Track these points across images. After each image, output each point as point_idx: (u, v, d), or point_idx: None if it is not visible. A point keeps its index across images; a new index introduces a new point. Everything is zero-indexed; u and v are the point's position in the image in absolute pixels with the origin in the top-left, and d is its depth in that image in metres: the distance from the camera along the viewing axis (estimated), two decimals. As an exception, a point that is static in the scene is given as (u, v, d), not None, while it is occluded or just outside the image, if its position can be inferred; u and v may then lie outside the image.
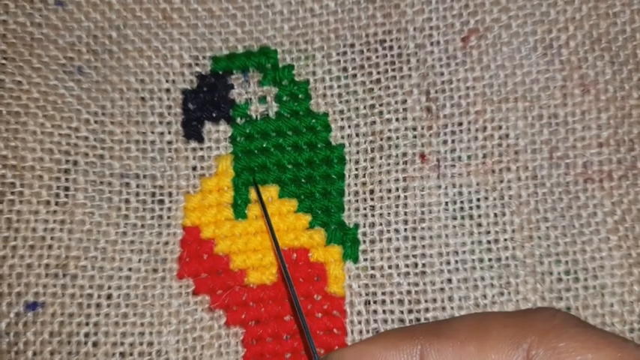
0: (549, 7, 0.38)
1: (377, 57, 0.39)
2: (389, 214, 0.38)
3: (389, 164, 0.38)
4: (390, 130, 0.38)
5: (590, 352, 0.24)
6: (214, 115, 0.39)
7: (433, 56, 0.39)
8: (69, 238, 0.37)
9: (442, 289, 0.37)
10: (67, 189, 0.37)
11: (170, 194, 0.38)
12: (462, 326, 0.27)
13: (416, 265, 0.37)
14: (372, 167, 0.38)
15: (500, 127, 0.38)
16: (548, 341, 0.25)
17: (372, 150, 0.38)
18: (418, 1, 0.39)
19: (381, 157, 0.38)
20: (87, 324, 0.36)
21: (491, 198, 0.37)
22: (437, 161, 0.38)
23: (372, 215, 0.38)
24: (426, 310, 0.36)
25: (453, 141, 0.38)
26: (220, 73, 0.39)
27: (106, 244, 0.37)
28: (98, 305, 0.36)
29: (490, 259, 0.37)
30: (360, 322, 0.37)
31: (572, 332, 0.25)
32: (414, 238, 0.37)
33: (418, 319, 0.36)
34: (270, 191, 0.38)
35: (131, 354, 0.36)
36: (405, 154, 0.38)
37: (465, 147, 0.38)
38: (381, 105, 0.39)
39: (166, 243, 0.38)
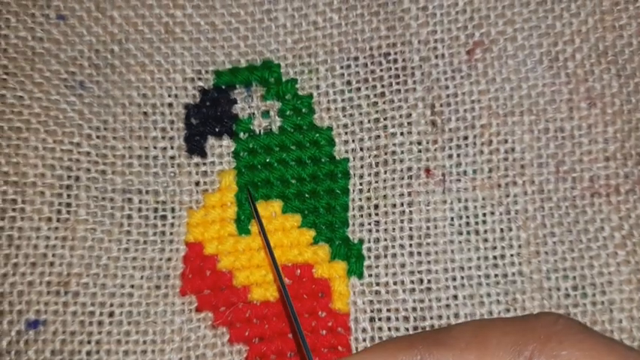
0: (555, 20, 0.38)
1: (381, 70, 0.39)
2: (394, 229, 0.37)
3: (394, 179, 0.38)
4: (394, 145, 0.38)
5: None
6: (217, 129, 0.39)
7: (438, 69, 0.38)
8: (71, 254, 0.36)
9: (448, 306, 0.36)
10: (68, 205, 0.37)
11: (173, 210, 0.38)
12: (461, 334, 0.26)
13: (421, 281, 0.37)
14: (376, 182, 0.38)
15: (506, 141, 0.37)
16: (550, 349, 0.24)
17: (377, 164, 0.38)
18: (422, 13, 0.39)
19: (385, 172, 0.38)
20: (89, 342, 0.36)
21: (498, 213, 0.37)
22: (442, 176, 0.38)
23: (377, 230, 0.37)
24: (432, 327, 0.36)
25: (458, 155, 0.38)
26: (223, 87, 0.39)
27: (108, 260, 0.37)
28: (100, 323, 0.36)
29: (496, 275, 0.36)
30: (364, 340, 0.36)
31: (575, 339, 0.25)
32: (419, 253, 0.37)
33: (424, 337, 0.36)
34: (274, 206, 0.38)
35: (134, 373, 0.36)
36: (409, 169, 0.38)
37: (470, 161, 0.37)
38: (385, 119, 0.38)
39: (169, 259, 0.37)
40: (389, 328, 0.36)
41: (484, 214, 0.37)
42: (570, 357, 0.24)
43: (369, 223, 0.38)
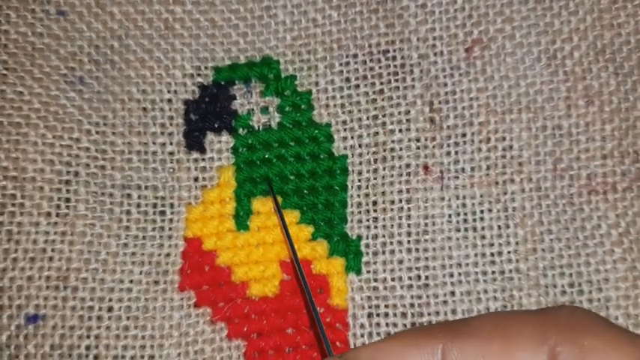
0: (553, 18, 0.38)
1: (380, 67, 0.39)
2: (392, 225, 0.37)
3: (392, 175, 0.38)
4: (393, 141, 0.38)
5: (614, 351, 0.24)
6: (216, 125, 0.39)
7: (436, 67, 0.38)
8: (70, 249, 0.37)
9: (445, 302, 0.36)
10: (68, 200, 0.37)
11: (172, 205, 0.38)
12: (482, 325, 0.26)
13: (419, 277, 0.37)
14: (375, 178, 0.38)
15: (503, 139, 0.38)
16: (573, 338, 0.24)
17: (375, 161, 0.38)
18: (421, 11, 0.39)
19: (384, 169, 0.38)
20: (88, 337, 0.36)
21: (495, 210, 0.37)
22: (440, 173, 0.38)
23: (375, 227, 0.38)
24: (429, 322, 0.36)
25: (456, 152, 0.38)
26: (222, 83, 0.39)
27: (107, 255, 0.37)
28: (99, 318, 0.36)
29: (493, 272, 0.36)
30: (362, 335, 0.36)
31: (597, 330, 0.25)
32: (417, 250, 0.37)
33: (421, 333, 0.36)
34: (272, 203, 0.38)
35: (132, 368, 0.36)
36: (408, 166, 0.38)
37: (468, 158, 0.38)
38: (384, 116, 0.38)
39: (168, 255, 0.37)
40: (387, 324, 0.36)
41: (482, 212, 0.37)
42: (593, 346, 0.24)
43: (368, 220, 0.38)
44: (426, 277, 0.37)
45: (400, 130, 0.38)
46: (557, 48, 0.38)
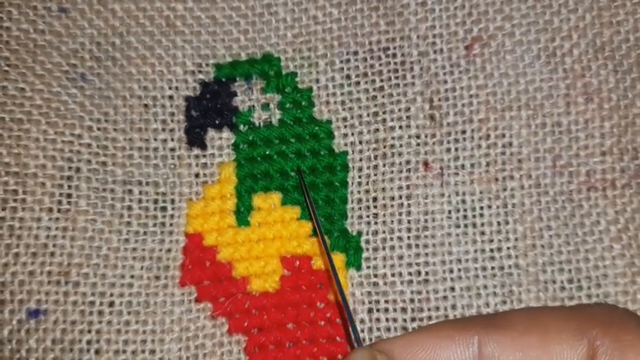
0: (553, 16, 0.38)
1: (380, 64, 0.39)
2: (392, 221, 0.38)
3: (392, 172, 0.38)
4: (393, 138, 0.38)
5: None
6: (217, 122, 0.39)
7: (436, 64, 0.39)
8: (71, 245, 0.37)
9: (445, 297, 0.37)
10: (69, 196, 0.37)
11: (173, 201, 0.38)
12: (519, 319, 0.26)
13: (419, 273, 0.37)
14: (375, 175, 0.38)
15: (503, 136, 0.38)
16: (613, 333, 0.24)
17: (376, 157, 0.38)
18: (422, 9, 0.39)
19: (384, 165, 0.38)
20: (89, 331, 0.36)
21: (495, 206, 0.37)
22: (440, 169, 0.38)
23: (376, 223, 0.38)
24: (429, 318, 0.36)
25: (456, 149, 0.38)
26: (223, 80, 0.39)
27: (109, 251, 0.37)
28: (100, 313, 0.36)
29: (493, 268, 0.37)
30: (362, 331, 0.37)
31: (636, 327, 0.25)
32: (417, 246, 0.37)
33: (421, 328, 0.36)
34: (273, 198, 0.38)
35: (133, 362, 0.36)
36: (408, 162, 0.38)
37: (468, 155, 0.38)
38: (384, 112, 0.39)
39: (169, 250, 0.38)
40: (387, 319, 0.37)
41: (481, 208, 0.37)
42: (634, 342, 0.24)
43: (368, 216, 0.38)
44: (426, 273, 0.37)
45: (400, 127, 0.38)
46: (557, 46, 0.38)
